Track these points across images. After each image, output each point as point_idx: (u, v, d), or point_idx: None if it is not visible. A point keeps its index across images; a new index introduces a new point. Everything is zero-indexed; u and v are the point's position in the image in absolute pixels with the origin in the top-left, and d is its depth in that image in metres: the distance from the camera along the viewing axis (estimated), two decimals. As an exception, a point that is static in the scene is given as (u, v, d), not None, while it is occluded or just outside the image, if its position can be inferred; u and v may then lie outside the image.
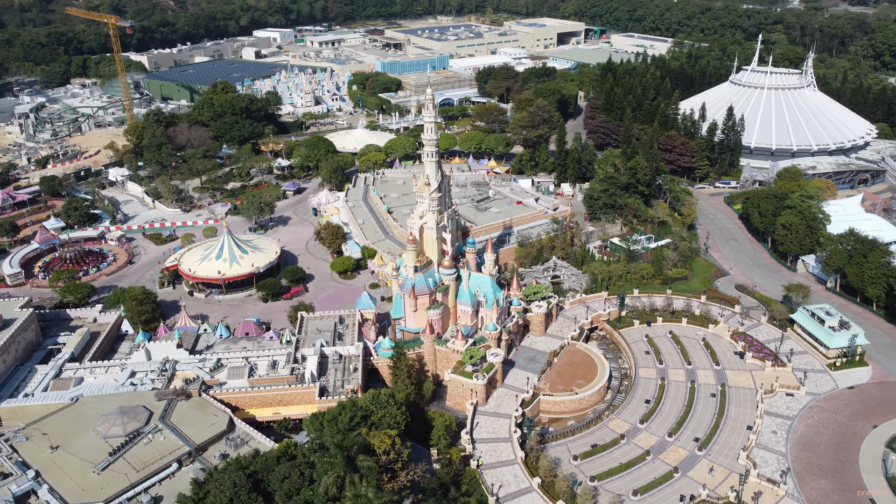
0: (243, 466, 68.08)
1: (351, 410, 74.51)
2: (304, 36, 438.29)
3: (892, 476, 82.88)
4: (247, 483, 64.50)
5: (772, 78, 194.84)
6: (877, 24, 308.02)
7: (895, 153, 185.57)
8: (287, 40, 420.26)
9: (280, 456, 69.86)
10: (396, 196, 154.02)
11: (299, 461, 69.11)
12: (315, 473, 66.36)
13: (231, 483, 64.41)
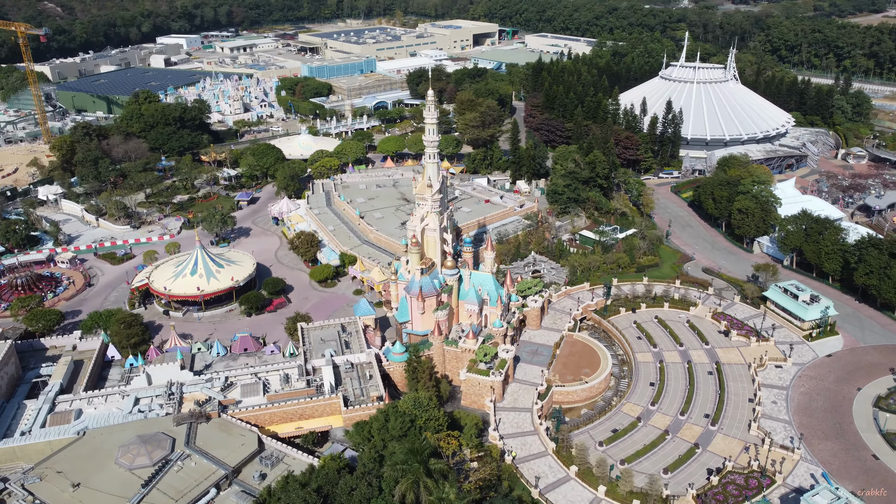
0: (303, 483, 66.02)
1: (400, 417, 73.65)
2: (211, 42, 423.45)
3: (886, 432, 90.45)
4: (318, 500, 62.66)
5: (700, 72, 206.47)
6: (771, 21, 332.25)
7: (812, 139, 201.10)
8: (194, 46, 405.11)
9: (340, 469, 68.17)
10: (363, 201, 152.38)
11: (360, 471, 67.76)
12: (384, 483, 65.34)
13: (302, 501, 62.34)
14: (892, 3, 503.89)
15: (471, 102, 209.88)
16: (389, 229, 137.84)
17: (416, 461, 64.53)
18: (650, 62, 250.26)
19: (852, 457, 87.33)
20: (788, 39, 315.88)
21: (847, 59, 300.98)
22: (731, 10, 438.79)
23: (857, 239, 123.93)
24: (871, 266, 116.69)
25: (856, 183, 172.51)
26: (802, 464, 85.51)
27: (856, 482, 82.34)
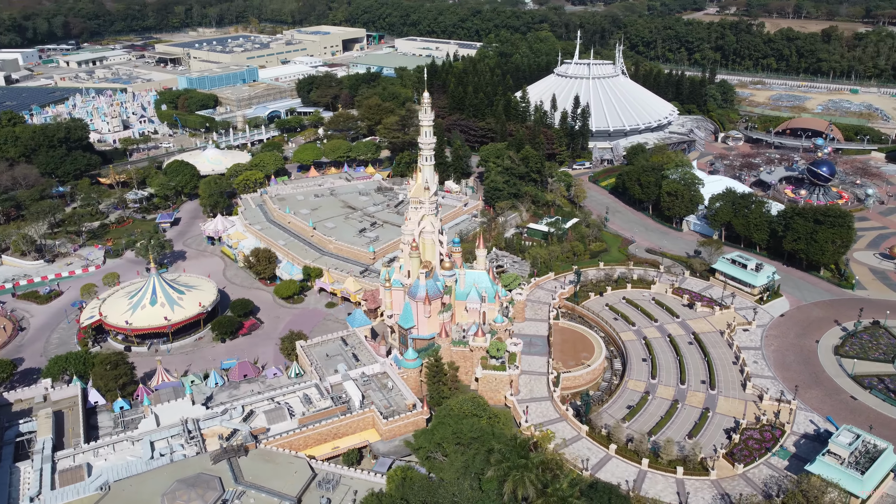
0: (401, 497, 64.13)
1: (466, 419, 73.37)
2: (52, 56, 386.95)
3: (855, 375, 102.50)
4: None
5: (594, 69, 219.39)
6: (627, 19, 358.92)
7: (696, 126, 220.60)
8: (31, 62, 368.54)
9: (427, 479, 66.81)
10: (307, 212, 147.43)
11: (453, 477, 66.92)
12: (484, 484, 64.99)
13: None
14: (710, 3, 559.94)
15: (378, 107, 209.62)
16: (348, 238, 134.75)
17: (519, 456, 64.89)
18: (538, 61, 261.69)
19: (835, 400, 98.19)
20: (644, 36, 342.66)
21: (697, 52, 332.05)
22: (576, 10, 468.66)
23: (780, 210, 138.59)
24: (798, 233, 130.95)
25: (747, 161, 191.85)
26: (800, 413, 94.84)
27: (846, 421, 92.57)
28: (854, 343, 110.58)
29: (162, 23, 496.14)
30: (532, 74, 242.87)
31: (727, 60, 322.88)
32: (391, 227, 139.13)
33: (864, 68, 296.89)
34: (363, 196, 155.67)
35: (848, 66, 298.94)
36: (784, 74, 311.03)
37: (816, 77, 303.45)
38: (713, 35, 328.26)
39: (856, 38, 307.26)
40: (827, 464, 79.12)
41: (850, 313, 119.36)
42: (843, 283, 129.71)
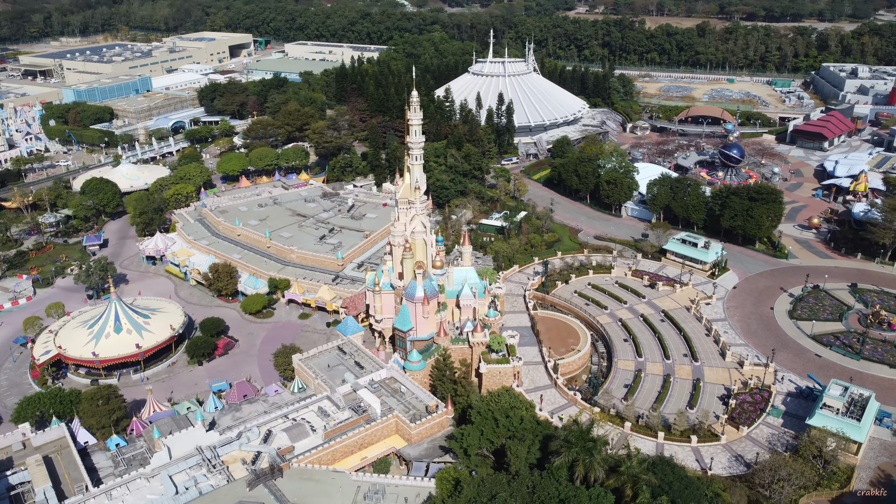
0: (471, 499, 63.62)
1: (505, 413, 73.99)
2: None
3: (814, 335, 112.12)
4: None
5: (509, 66, 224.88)
6: (517, 19, 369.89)
7: (606, 118, 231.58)
8: None
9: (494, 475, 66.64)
10: (257, 223, 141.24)
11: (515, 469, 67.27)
12: (553, 470, 65.71)
13: None
14: (579, 3, 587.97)
15: (298, 112, 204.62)
16: (309, 246, 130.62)
17: (584, 440, 66.19)
18: (445, 62, 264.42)
19: (803, 359, 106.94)
20: (535, 34, 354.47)
21: (586, 49, 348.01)
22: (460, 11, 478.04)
23: (716, 190, 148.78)
24: (735, 210, 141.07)
25: (662, 149, 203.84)
26: (776, 369, 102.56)
27: (819, 377, 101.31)
28: (803, 307, 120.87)
29: (18, 33, 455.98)
30: (443, 74, 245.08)
31: (614, 56, 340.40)
32: (350, 233, 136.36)
33: (737, 59, 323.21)
34: (310, 203, 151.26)
35: (722, 57, 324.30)
36: (667, 67, 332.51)
37: (695, 69, 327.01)
38: (600, 32, 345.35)
39: (727, 31, 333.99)
40: (825, 416, 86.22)
41: (792, 280, 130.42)
42: (777, 253, 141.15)
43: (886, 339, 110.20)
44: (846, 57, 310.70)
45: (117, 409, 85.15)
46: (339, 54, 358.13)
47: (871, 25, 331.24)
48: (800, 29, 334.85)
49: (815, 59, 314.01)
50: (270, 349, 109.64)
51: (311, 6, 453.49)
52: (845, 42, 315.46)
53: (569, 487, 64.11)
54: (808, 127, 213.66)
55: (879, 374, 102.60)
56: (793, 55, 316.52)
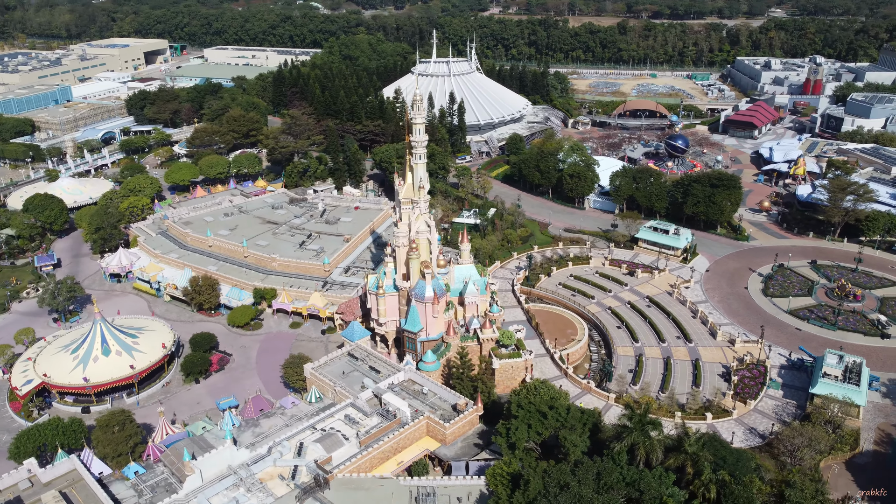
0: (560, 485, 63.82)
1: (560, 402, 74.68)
2: None
3: (790, 310, 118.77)
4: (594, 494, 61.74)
5: (453, 66, 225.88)
6: (443, 19, 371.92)
7: (548, 114, 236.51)
8: None
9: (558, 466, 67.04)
10: (227, 232, 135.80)
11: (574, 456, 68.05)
12: (616, 456, 66.82)
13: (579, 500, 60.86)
14: (492, 4, 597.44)
15: (244, 118, 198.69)
16: (290, 254, 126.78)
17: (644, 423, 67.61)
18: (384, 63, 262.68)
19: (786, 332, 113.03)
20: (462, 35, 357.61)
21: (513, 48, 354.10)
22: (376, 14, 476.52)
23: (676, 179, 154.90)
24: (697, 197, 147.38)
25: (609, 142, 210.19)
26: (766, 346, 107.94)
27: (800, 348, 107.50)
28: (774, 284, 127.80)
29: None
30: (384, 76, 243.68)
31: (541, 54, 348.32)
32: (329, 238, 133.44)
33: (657, 55, 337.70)
34: (278, 210, 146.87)
35: (644, 54, 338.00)
36: (592, 64, 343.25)
37: (619, 65, 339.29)
38: (526, 31, 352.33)
39: (646, 29, 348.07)
40: (827, 384, 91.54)
41: (757, 261, 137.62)
42: (739, 236, 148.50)
43: (855, 310, 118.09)
44: (756, 50, 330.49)
45: (133, 434, 79.92)
46: (264, 58, 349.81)
47: (777, 21, 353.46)
48: (712, 25, 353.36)
49: (728, 53, 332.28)
50: (268, 361, 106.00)
51: (223, 10, 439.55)
52: (754, 37, 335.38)
53: (632, 471, 65.31)
54: (738, 117, 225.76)
55: (855, 342, 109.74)
56: (708, 50, 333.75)
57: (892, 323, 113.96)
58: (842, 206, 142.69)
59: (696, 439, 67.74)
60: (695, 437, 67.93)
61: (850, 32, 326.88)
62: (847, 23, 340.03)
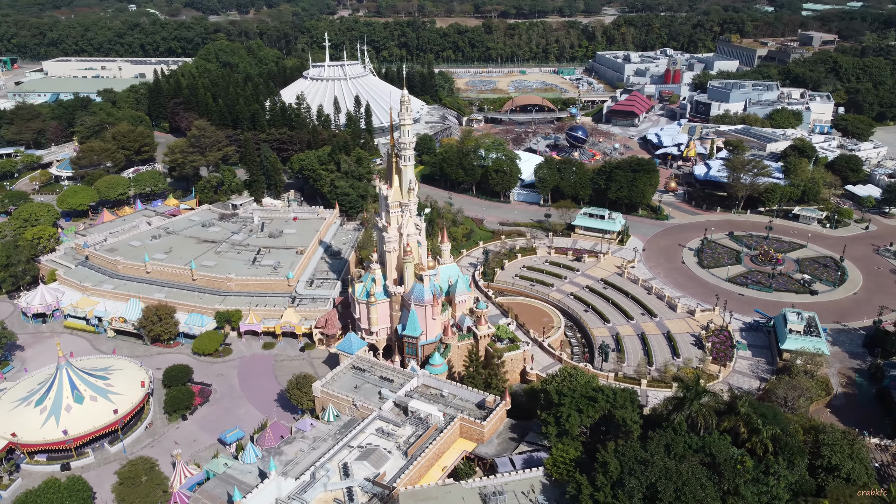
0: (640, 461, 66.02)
1: (606, 387, 77.43)
2: None
3: (729, 278, 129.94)
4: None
5: (348, 69, 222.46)
6: (310, 23, 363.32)
7: (444, 113, 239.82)
8: None
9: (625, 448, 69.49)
10: (163, 256, 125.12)
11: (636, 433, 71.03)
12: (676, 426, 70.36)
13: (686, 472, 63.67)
14: (340, 7, 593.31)
15: (133, 133, 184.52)
16: (243, 272, 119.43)
17: (698, 392, 71.63)
18: (266, 69, 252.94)
19: (734, 299, 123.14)
20: (331, 38, 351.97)
21: (384, 50, 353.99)
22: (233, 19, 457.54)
23: (595, 168, 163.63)
24: (620, 182, 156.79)
25: (512, 137, 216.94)
26: (721, 312, 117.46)
27: (746, 312, 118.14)
28: (706, 257, 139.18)
29: None
30: (276, 82, 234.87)
31: (411, 55, 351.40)
32: (279, 252, 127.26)
33: (523, 52, 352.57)
34: (211, 227, 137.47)
35: (511, 52, 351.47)
36: (462, 63, 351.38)
37: (488, 63, 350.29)
38: (395, 33, 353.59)
39: (510, 28, 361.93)
40: (795, 339, 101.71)
41: (683, 236, 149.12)
42: (659, 216, 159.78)
43: (782, 272, 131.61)
44: (611, 45, 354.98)
45: (160, 482, 72.13)
46: (116, 69, 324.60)
47: (626, 18, 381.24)
48: (570, 23, 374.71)
49: (587, 48, 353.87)
50: (254, 387, 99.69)
51: (55, 19, 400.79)
52: (608, 33, 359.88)
53: (694, 438, 69.11)
54: (619, 107, 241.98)
55: (790, 301, 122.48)
56: (569, 46, 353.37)
57: (815, 280, 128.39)
58: (745, 181, 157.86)
59: (746, 401, 72.98)
60: (747, 401, 73.13)
61: (689, 27, 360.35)
62: (685, 19, 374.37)
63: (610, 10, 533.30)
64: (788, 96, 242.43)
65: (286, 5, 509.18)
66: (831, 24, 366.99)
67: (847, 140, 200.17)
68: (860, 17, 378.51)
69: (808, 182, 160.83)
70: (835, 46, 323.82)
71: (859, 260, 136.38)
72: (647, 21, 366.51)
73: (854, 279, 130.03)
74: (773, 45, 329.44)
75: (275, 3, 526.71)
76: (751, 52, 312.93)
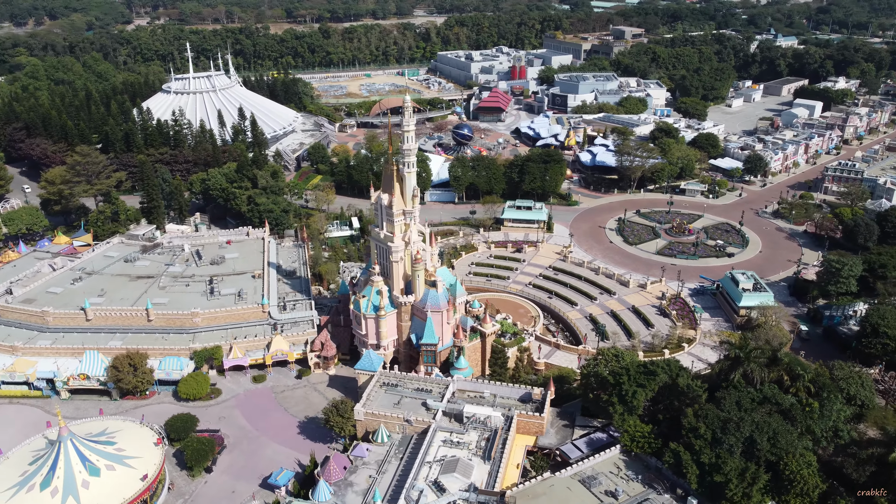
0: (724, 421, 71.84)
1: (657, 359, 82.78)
2: None
3: (658, 251, 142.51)
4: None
5: (216, 80, 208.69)
6: (129, 34, 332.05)
7: (313, 120, 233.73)
8: None
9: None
10: (101, 300, 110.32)
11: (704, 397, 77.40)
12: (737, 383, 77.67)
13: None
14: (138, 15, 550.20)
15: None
16: (205, 304, 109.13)
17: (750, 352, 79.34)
18: (108, 84, 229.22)
19: (671, 269, 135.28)
20: (157, 48, 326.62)
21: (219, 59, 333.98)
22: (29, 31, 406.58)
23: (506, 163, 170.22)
24: (534, 174, 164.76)
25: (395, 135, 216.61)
26: (673, 283, 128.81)
27: (694, 276, 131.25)
28: (628, 234, 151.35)
29: None
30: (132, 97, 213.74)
31: (249, 63, 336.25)
32: (233, 278, 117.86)
33: (363, 56, 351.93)
34: (139, 262, 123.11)
35: (352, 55, 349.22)
36: (303, 69, 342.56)
37: (329, 68, 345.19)
38: (228, 41, 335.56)
39: (347, 32, 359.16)
40: (749, 296, 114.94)
41: (598, 219, 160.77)
42: (570, 202, 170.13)
43: (697, 241, 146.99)
44: (447, 45, 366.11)
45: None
46: None
47: (458, 19, 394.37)
48: (405, 25, 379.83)
49: (424, 49, 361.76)
50: (267, 425, 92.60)
51: None
52: (442, 33, 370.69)
53: (753, 392, 76.89)
54: (485, 103, 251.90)
55: (713, 265, 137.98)
56: (408, 48, 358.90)
57: (726, 244, 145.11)
58: (638, 163, 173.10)
59: (785, 354, 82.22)
60: (784, 352, 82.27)
61: (514, 25, 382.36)
62: (509, 17, 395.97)
63: (419, 11, 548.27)
64: (627, 85, 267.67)
65: (77, 15, 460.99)
66: (632, 19, 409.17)
67: (693, 121, 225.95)
68: (653, 13, 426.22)
69: (684, 159, 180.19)
70: (643, 38, 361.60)
71: (748, 223, 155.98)
72: (478, 21, 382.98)
73: (754, 240, 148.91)
74: (592, 39, 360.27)
75: (59, 14, 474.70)
76: (577, 46, 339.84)
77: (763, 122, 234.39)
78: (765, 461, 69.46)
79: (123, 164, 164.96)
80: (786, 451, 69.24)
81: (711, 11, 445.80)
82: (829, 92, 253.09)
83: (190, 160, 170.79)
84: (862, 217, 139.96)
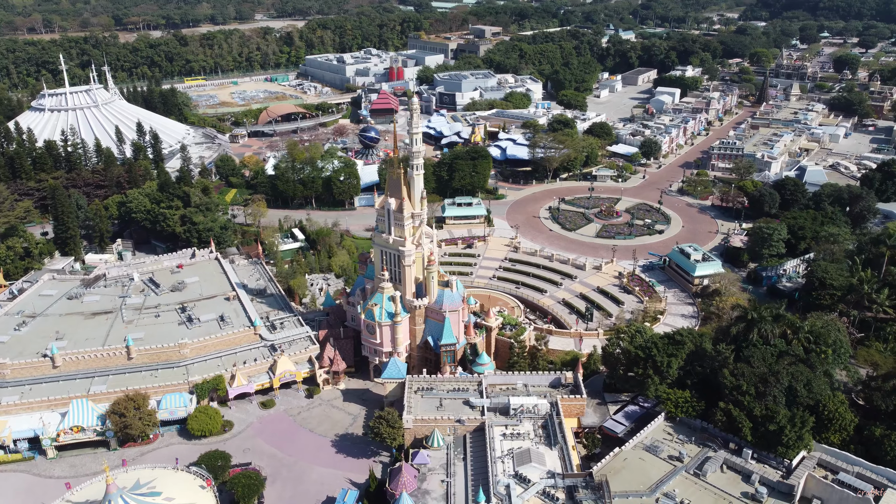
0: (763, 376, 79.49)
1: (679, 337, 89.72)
2: None
3: (597, 234, 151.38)
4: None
5: (96, 95, 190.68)
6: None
7: (207, 133, 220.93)
8: None
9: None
10: (64, 343, 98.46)
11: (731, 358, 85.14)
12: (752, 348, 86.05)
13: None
14: None
15: None
16: (186, 334, 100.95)
17: (764, 313, 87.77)
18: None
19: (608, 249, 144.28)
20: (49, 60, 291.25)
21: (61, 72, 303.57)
22: None
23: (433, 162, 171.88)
24: (464, 171, 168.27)
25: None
26: (617, 262, 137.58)
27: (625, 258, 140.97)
28: (563, 221, 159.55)
29: None
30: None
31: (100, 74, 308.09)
32: (205, 303, 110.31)
33: (226, 63, 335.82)
34: (87, 298, 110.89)
35: (213, 62, 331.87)
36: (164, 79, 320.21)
37: (191, 76, 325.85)
38: (73, 52, 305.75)
39: (205, 38, 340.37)
40: (702, 266, 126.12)
41: (529, 209, 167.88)
42: (497, 196, 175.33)
43: (630, 222, 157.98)
44: (311, 49, 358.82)
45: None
46: None
47: (321, 22, 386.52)
48: (265, 30, 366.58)
49: (289, 54, 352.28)
50: (300, 449, 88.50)
51: None
52: (305, 37, 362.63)
53: (770, 347, 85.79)
54: (377, 105, 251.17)
55: (648, 241, 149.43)
56: (272, 53, 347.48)
57: (654, 223, 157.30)
58: (554, 154, 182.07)
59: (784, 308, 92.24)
60: (783, 307, 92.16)
61: (376, 26, 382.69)
62: (370, 19, 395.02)
63: (260, 15, 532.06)
64: (506, 82, 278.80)
65: None
66: (485, 18, 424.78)
67: (577, 112, 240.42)
68: (502, 12, 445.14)
69: (588, 148, 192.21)
70: (503, 37, 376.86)
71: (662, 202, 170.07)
72: (340, 24, 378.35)
73: (674, 217, 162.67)
74: (455, 38, 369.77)
75: None
76: (444, 46, 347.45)
77: (638, 110, 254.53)
78: (804, 406, 78.01)
79: (16, 191, 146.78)
80: (820, 395, 78.21)
81: (553, 9, 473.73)
82: (683, 79, 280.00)
83: (91, 182, 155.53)
84: (764, 188, 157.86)
